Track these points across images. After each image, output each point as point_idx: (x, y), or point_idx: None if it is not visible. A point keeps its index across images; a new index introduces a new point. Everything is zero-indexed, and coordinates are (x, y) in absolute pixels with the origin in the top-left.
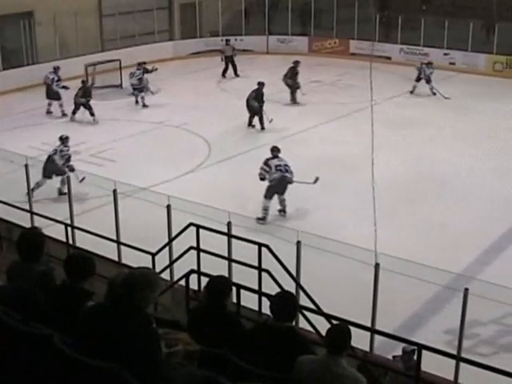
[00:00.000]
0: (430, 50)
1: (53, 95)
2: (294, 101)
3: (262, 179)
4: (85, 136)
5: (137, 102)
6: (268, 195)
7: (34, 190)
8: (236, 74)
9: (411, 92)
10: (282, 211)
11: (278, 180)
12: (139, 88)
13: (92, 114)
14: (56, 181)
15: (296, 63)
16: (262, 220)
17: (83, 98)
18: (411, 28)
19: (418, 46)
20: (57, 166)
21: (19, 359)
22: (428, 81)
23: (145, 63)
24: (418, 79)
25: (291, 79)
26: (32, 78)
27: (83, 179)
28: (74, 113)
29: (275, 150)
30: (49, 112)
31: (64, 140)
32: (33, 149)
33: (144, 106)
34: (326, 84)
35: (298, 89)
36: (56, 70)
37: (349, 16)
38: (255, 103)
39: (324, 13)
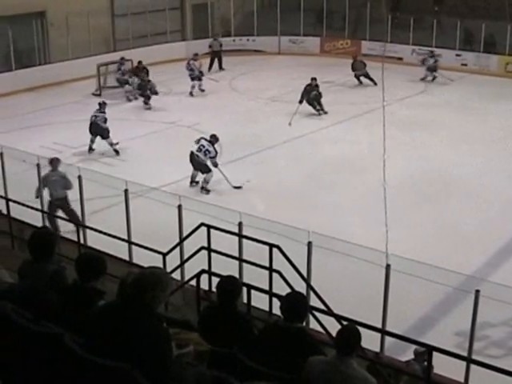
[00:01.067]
0: (441, 51)
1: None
2: (322, 110)
3: None
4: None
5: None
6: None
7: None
8: (221, 68)
9: (422, 79)
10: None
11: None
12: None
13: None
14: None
15: (312, 80)
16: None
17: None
18: (423, 29)
19: (429, 46)
20: (98, 125)
21: (30, 358)
22: (433, 69)
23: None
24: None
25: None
26: (44, 78)
27: (117, 144)
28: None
29: (212, 137)
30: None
31: (101, 105)
32: (44, 148)
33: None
34: (337, 84)
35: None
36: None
37: (361, 17)
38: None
39: (336, 13)
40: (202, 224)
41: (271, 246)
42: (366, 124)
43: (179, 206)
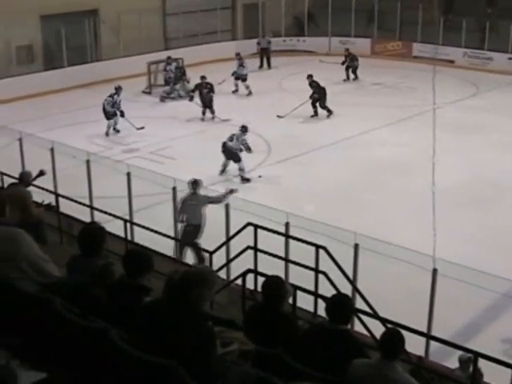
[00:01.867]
0: (494, 54)
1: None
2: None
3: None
4: (145, 133)
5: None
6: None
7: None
8: (269, 67)
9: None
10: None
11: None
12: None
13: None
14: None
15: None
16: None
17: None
18: (475, 31)
19: (481, 49)
20: (104, 108)
21: (76, 352)
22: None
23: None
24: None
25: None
26: (95, 75)
27: (142, 128)
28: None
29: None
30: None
31: (116, 89)
32: (94, 145)
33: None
34: (387, 86)
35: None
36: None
37: (412, 18)
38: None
39: (387, 15)
40: (249, 223)
41: (317, 247)
42: (415, 126)
43: (226, 205)
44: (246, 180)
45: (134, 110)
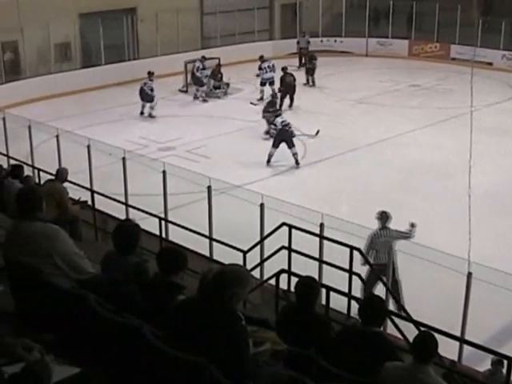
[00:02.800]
0: None
1: (196, 81)
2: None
3: (271, 136)
4: (181, 132)
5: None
6: (274, 144)
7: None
8: (303, 66)
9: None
10: (296, 163)
11: (280, 131)
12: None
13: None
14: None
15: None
16: (267, 163)
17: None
18: None
19: None
20: (144, 91)
21: (109, 348)
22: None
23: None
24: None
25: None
26: (133, 73)
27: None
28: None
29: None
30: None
31: (150, 74)
32: (130, 142)
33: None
34: (424, 88)
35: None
36: (202, 59)
37: (450, 20)
38: None
39: (425, 16)
40: (284, 224)
41: (352, 248)
42: (452, 129)
43: (261, 205)
44: (298, 164)
45: (170, 108)
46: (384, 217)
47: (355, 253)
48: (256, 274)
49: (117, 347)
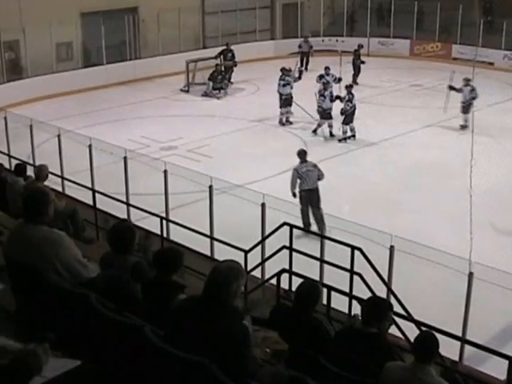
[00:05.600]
0: None
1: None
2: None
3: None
4: (183, 131)
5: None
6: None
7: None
8: (306, 69)
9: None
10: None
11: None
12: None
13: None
14: None
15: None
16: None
17: None
18: None
19: None
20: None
21: (111, 347)
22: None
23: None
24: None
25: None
26: (134, 73)
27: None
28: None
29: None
30: None
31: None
32: (132, 142)
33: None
34: (426, 88)
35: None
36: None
37: (452, 19)
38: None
39: (427, 16)
40: (285, 223)
41: (353, 248)
42: (454, 129)
43: (263, 205)
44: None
45: (172, 107)
46: (302, 153)
47: (356, 252)
48: (257, 273)
49: (118, 346)
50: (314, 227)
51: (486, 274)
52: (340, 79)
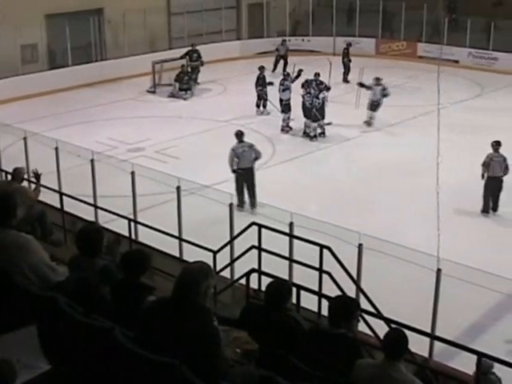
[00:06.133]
0: (499, 54)
1: None
2: (261, 111)
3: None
4: (150, 133)
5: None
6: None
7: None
8: (284, 71)
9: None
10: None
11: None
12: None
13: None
14: None
15: (260, 69)
16: None
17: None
18: (480, 31)
19: (487, 49)
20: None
21: (81, 350)
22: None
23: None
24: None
25: (257, 87)
26: (100, 75)
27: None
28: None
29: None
30: None
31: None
32: (99, 144)
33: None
34: (392, 86)
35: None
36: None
37: (417, 18)
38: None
39: (392, 15)
40: (253, 223)
41: (322, 247)
42: (420, 127)
43: (230, 205)
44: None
45: (139, 109)
46: (239, 134)
47: (325, 251)
48: (226, 273)
49: (88, 349)
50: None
51: (454, 270)
52: (329, 88)
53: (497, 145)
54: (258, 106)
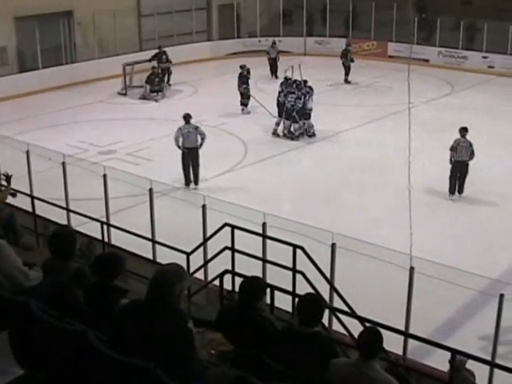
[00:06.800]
0: (468, 53)
1: None
2: (245, 110)
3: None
4: (122, 135)
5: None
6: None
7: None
8: (276, 76)
9: None
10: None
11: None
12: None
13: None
14: None
15: (242, 68)
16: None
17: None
18: (450, 30)
19: (456, 48)
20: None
21: (54, 354)
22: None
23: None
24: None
25: (241, 86)
26: (70, 77)
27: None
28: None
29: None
30: None
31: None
32: (70, 147)
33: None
34: (363, 86)
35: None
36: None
37: (387, 18)
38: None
39: (362, 15)
40: (226, 224)
41: (295, 246)
42: (391, 126)
43: (203, 206)
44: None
45: (110, 111)
46: (187, 116)
47: (299, 251)
48: (200, 275)
49: (62, 353)
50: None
51: (427, 268)
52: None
53: (464, 131)
54: (243, 104)
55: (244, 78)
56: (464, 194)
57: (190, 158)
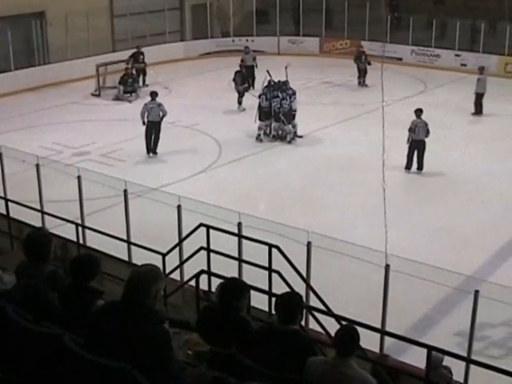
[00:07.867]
0: (441, 52)
1: None
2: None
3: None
4: (95, 136)
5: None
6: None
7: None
8: (252, 86)
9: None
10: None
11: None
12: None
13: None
14: None
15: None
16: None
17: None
18: (422, 29)
19: (429, 47)
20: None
21: (30, 358)
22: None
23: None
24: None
25: (241, 85)
26: (43, 78)
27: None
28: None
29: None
30: None
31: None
32: (44, 148)
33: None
34: (336, 85)
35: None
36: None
37: (360, 17)
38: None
39: (335, 14)
40: (202, 224)
41: (270, 246)
42: (365, 124)
43: (178, 207)
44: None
45: (83, 112)
46: (153, 94)
47: (275, 250)
48: (176, 275)
49: (38, 356)
50: None
51: (402, 265)
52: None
53: (419, 112)
54: (239, 103)
55: (242, 76)
56: (437, 190)
57: (152, 130)
